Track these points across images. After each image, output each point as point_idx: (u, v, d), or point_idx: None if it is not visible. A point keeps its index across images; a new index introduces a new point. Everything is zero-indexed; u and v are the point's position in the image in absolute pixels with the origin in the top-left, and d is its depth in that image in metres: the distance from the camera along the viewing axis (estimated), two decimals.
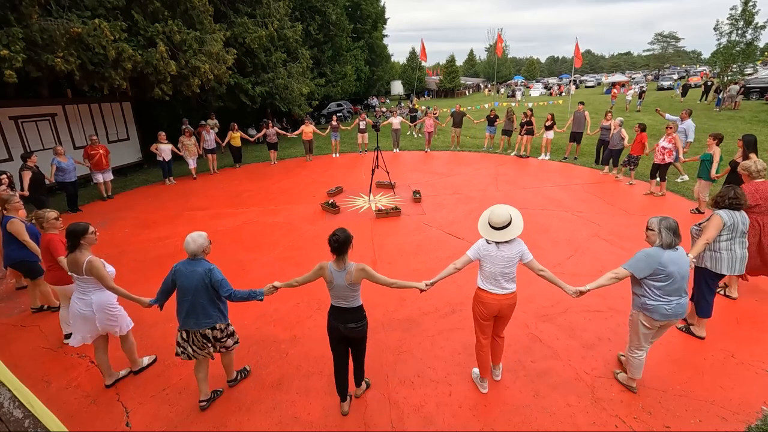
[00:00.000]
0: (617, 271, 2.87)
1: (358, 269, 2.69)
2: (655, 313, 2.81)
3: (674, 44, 75.57)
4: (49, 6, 8.08)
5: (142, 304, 3.10)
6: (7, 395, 1.63)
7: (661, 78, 40.10)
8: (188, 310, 2.87)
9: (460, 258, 3.00)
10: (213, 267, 2.91)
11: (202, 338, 2.94)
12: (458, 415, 2.97)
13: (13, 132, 9.02)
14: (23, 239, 4.11)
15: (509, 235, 2.80)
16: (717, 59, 20.57)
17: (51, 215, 3.70)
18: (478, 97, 44.80)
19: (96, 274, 3.04)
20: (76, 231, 3.03)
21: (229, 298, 2.92)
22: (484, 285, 2.93)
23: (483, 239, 2.90)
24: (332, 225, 7.02)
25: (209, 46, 10.86)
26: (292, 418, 3.00)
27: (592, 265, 5.13)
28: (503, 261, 2.82)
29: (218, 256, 5.91)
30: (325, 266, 2.76)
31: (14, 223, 4.11)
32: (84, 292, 3.12)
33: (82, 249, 3.06)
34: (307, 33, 20.21)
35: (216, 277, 2.87)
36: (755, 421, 2.79)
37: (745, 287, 4.43)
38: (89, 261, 3.02)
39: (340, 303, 2.78)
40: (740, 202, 3.41)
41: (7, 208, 4.20)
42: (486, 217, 2.90)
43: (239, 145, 12.27)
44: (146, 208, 8.56)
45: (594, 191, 8.10)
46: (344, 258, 2.72)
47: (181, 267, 2.90)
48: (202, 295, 2.86)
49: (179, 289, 2.90)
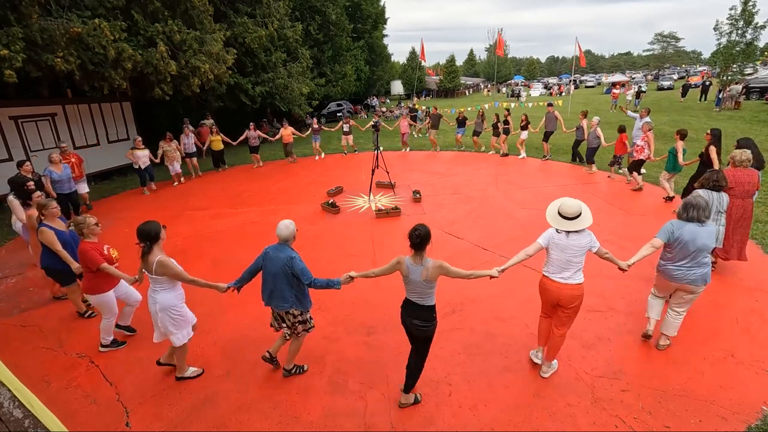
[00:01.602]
0: (652, 240, 3.30)
1: (435, 266, 2.67)
2: (664, 275, 3.34)
3: (674, 44, 75.61)
4: (49, 6, 8.08)
5: (220, 289, 3.19)
6: (7, 395, 1.63)
7: (661, 78, 40.12)
8: (271, 291, 3.09)
9: (531, 245, 3.11)
10: (295, 255, 3.04)
11: (285, 316, 3.18)
12: (458, 415, 2.97)
13: (13, 132, 9.02)
14: (55, 249, 3.97)
15: (580, 225, 2.93)
16: (717, 59, 20.57)
17: (91, 221, 3.61)
18: (478, 97, 44.80)
19: (168, 273, 3.02)
20: (149, 231, 2.99)
21: (310, 286, 3.03)
22: (548, 272, 3.11)
23: (551, 229, 3.04)
24: (332, 225, 7.03)
25: (209, 46, 10.86)
26: (292, 418, 3.00)
27: (593, 265, 5.11)
28: (572, 250, 2.95)
29: (218, 255, 5.93)
30: (402, 260, 2.78)
31: (44, 232, 3.96)
32: (153, 290, 3.12)
33: (153, 249, 3.03)
34: (307, 33, 20.20)
35: (297, 265, 2.98)
36: (755, 421, 2.78)
37: (746, 287, 4.44)
38: (159, 261, 2.99)
39: (413, 297, 2.81)
40: (720, 184, 4.06)
41: (44, 214, 4.07)
42: (555, 208, 3.04)
43: (221, 148, 11.71)
44: (146, 207, 8.57)
45: (593, 191, 8.11)
46: (422, 254, 2.72)
47: (270, 251, 3.09)
48: (282, 279, 3.02)
49: (264, 271, 3.09)
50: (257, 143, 12.12)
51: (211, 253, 6.03)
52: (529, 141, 11.78)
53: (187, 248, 6.22)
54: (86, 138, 10.87)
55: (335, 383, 3.33)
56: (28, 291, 5.18)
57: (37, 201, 4.54)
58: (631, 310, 4.04)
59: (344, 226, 6.92)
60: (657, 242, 3.26)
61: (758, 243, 5.38)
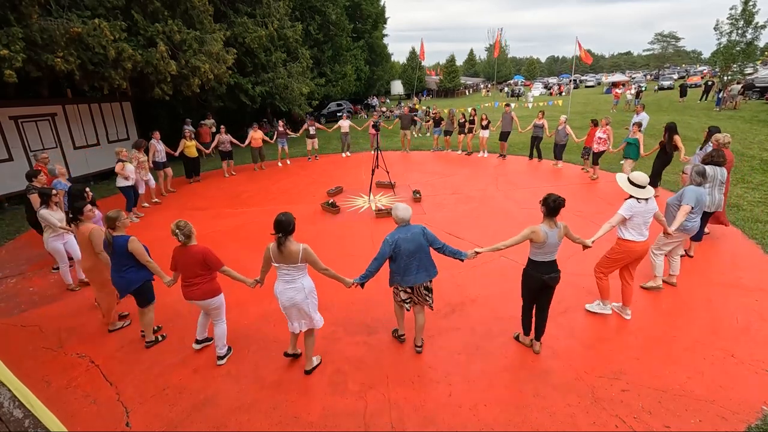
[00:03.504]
0: (683, 207, 4.05)
1: (564, 226, 3.23)
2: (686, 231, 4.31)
3: (674, 44, 75.45)
4: (49, 6, 8.08)
5: (346, 284, 3.29)
6: (7, 395, 1.63)
7: (661, 78, 40.13)
8: (418, 266, 3.29)
9: (613, 216, 3.71)
10: (424, 226, 3.35)
11: (425, 291, 3.43)
12: (458, 415, 2.97)
13: (13, 132, 9.02)
14: (145, 261, 3.63)
15: (651, 191, 3.65)
16: (717, 59, 20.59)
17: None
18: (478, 97, 44.76)
19: (311, 259, 3.10)
20: (288, 223, 3.03)
21: (441, 250, 3.34)
22: (632, 236, 3.70)
23: (632, 200, 3.63)
24: (332, 225, 7.03)
25: (209, 46, 10.86)
26: (292, 418, 3.00)
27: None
28: (649, 213, 3.65)
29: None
30: (536, 229, 3.16)
31: (134, 241, 3.57)
32: (293, 280, 3.14)
33: (290, 240, 3.08)
34: (307, 33, 20.20)
35: (430, 232, 3.34)
36: (755, 421, 2.78)
37: (746, 287, 4.44)
38: (305, 249, 3.06)
39: (546, 258, 3.25)
40: (720, 161, 4.93)
41: (117, 226, 3.63)
42: (625, 178, 3.75)
43: (195, 155, 10.25)
44: (146, 208, 8.56)
45: (593, 191, 8.12)
46: (555, 219, 3.19)
47: (400, 235, 3.26)
48: (424, 251, 3.31)
49: (403, 253, 3.23)
50: (230, 148, 11.02)
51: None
52: (511, 140, 12.14)
53: None
54: (86, 138, 10.87)
55: (335, 383, 3.33)
56: (28, 291, 5.18)
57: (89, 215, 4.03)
58: (631, 310, 4.03)
59: (344, 226, 6.92)
60: (685, 208, 4.04)
61: (758, 243, 5.38)
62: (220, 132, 10.83)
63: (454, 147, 13.12)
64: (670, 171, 7.99)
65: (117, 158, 7.24)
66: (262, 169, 11.80)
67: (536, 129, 10.67)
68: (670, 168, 7.70)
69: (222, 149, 10.89)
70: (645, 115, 9.75)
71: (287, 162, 12.46)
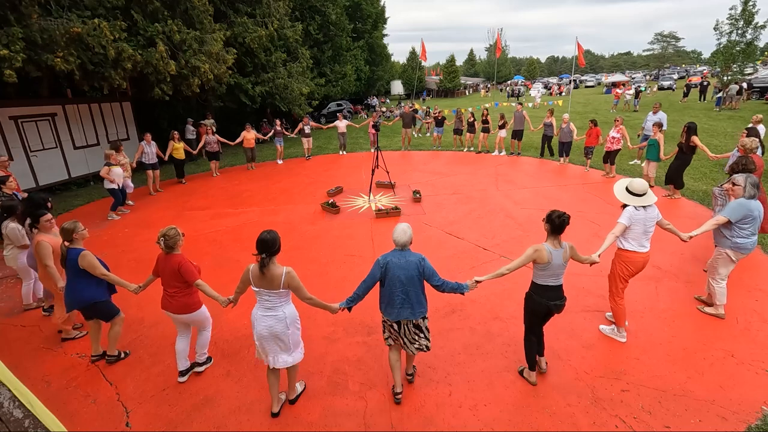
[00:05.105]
0: (717, 217, 3.73)
1: (570, 246, 2.98)
2: (743, 249, 3.73)
3: (674, 44, 75.39)
4: (49, 6, 8.07)
5: (332, 310, 2.97)
6: (7, 395, 1.63)
7: (662, 78, 40.09)
8: (403, 300, 2.85)
9: (615, 227, 3.49)
10: (423, 257, 2.90)
11: (414, 329, 2.97)
12: (458, 415, 2.97)
13: (13, 132, 9.01)
14: (100, 273, 3.38)
15: (651, 199, 3.44)
16: (717, 59, 20.58)
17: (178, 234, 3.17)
18: (478, 97, 44.75)
19: (294, 284, 2.75)
20: (273, 243, 2.69)
21: (441, 288, 2.92)
22: (632, 246, 3.49)
23: (631, 208, 3.45)
24: (332, 225, 7.03)
25: (209, 46, 10.85)
26: (292, 418, 3.00)
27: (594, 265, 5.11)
28: (651, 221, 3.44)
29: (218, 255, 5.93)
30: (540, 248, 2.90)
31: (86, 256, 3.34)
32: (273, 308, 2.78)
33: (273, 262, 2.73)
34: (307, 33, 20.19)
35: (429, 266, 2.88)
36: (755, 421, 2.79)
37: (746, 287, 4.44)
38: (289, 272, 2.72)
39: (550, 282, 2.99)
40: (749, 168, 4.54)
41: (74, 238, 3.40)
42: (623, 186, 3.55)
43: (182, 157, 10.25)
44: (147, 208, 8.56)
45: (593, 191, 8.09)
46: (559, 238, 2.94)
47: (392, 258, 2.85)
48: (417, 284, 2.86)
49: (390, 281, 2.84)
50: (216, 149, 10.96)
51: (211, 253, 6.03)
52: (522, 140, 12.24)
53: (187, 248, 6.10)
54: (86, 138, 10.86)
55: (335, 383, 3.33)
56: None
57: (45, 225, 3.81)
58: (631, 310, 4.03)
59: (344, 226, 6.91)
60: (722, 219, 3.70)
61: (758, 243, 5.38)
62: (208, 131, 10.87)
63: (459, 147, 13.26)
64: (697, 178, 7.98)
65: (105, 161, 7.56)
66: (253, 168, 11.92)
67: (546, 128, 10.98)
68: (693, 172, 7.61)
69: (209, 149, 10.94)
70: (663, 114, 9.53)
71: (278, 161, 12.71)
